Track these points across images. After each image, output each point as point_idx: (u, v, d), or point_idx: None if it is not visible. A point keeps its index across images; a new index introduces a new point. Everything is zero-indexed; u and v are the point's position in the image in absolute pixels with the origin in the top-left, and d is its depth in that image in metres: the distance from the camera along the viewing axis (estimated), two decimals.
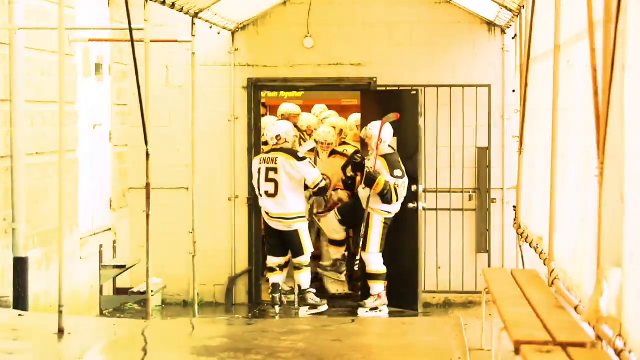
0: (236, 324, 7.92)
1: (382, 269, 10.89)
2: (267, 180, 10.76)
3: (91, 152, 10.89)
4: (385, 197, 10.71)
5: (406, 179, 10.88)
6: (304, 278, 10.80)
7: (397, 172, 10.80)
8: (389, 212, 10.89)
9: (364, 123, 11.29)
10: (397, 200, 10.79)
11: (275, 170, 10.73)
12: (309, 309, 10.80)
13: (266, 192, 10.75)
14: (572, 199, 6.15)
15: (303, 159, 10.76)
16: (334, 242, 11.55)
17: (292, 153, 10.78)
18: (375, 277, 10.88)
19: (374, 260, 10.87)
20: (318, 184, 10.74)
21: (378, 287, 10.89)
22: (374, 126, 10.87)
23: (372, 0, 12.12)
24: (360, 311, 10.88)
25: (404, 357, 7.28)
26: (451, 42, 12.11)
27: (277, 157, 10.78)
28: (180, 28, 11.56)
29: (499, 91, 12.04)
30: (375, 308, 10.87)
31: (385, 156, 10.84)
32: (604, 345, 4.68)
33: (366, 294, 11.04)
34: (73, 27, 9.97)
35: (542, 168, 7.58)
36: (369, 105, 11.84)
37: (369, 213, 10.83)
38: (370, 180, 10.71)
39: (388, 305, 10.97)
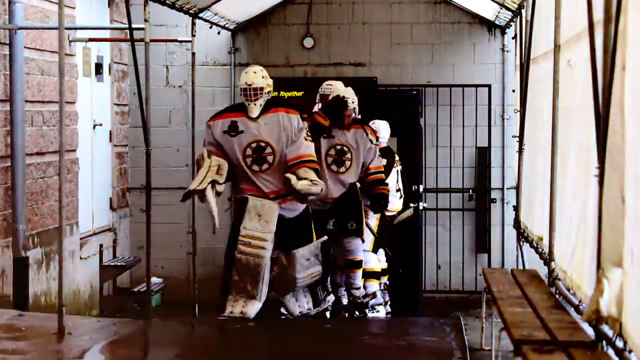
0: (236, 324, 7.91)
1: (377, 267, 10.78)
2: None
3: (91, 152, 10.89)
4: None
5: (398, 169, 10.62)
6: None
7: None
8: (388, 210, 10.79)
9: None
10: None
11: None
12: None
13: None
14: (572, 198, 6.15)
15: None
16: None
17: None
18: (368, 275, 10.77)
19: (367, 258, 10.78)
20: None
21: (372, 286, 10.80)
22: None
23: (372, 0, 12.12)
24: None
25: (404, 357, 7.27)
26: (451, 42, 12.11)
27: None
28: (180, 28, 11.57)
29: (499, 91, 12.05)
30: (372, 308, 10.79)
31: (381, 150, 10.76)
32: (604, 345, 4.67)
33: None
34: (73, 27, 9.97)
35: (542, 168, 7.59)
36: (369, 105, 11.83)
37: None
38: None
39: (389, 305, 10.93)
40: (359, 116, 9.38)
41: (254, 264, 7.76)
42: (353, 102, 9.10)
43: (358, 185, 9.15)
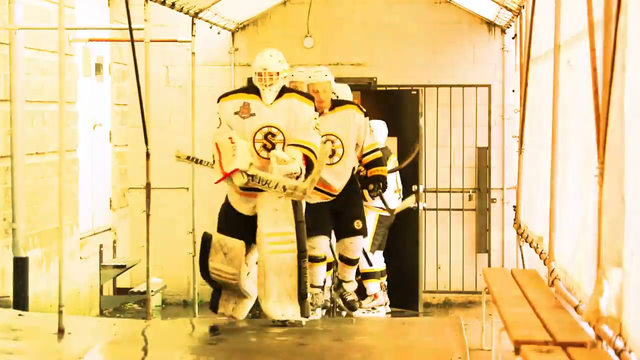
0: (236, 324, 7.92)
1: (376, 267, 10.76)
2: None
3: (91, 152, 10.89)
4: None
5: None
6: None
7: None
8: (383, 209, 10.76)
9: None
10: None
11: None
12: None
13: None
14: (572, 198, 6.15)
15: None
16: None
17: None
18: (369, 276, 10.75)
19: (366, 259, 10.75)
20: None
21: (373, 287, 10.78)
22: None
23: (372, 0, 12.12)
24: (357, 312, 10.75)
25: (404, 357, 7.28)
26: (451, 42, 12.11)
27: None
28: (180, 28, 11.55)
29: (499, 91, 12.05)
30: (373, 308, 10.78)
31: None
32: (604, 345, 4.68)
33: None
34: (73, 27, 9.97)
35: (542, 168, 7.59)
36: (369, 105, 11.83)
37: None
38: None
39: (389, 305, 10.92)
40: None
41: (230, 284, 7.75)
42: (327, 75, 8.50)
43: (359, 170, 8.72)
